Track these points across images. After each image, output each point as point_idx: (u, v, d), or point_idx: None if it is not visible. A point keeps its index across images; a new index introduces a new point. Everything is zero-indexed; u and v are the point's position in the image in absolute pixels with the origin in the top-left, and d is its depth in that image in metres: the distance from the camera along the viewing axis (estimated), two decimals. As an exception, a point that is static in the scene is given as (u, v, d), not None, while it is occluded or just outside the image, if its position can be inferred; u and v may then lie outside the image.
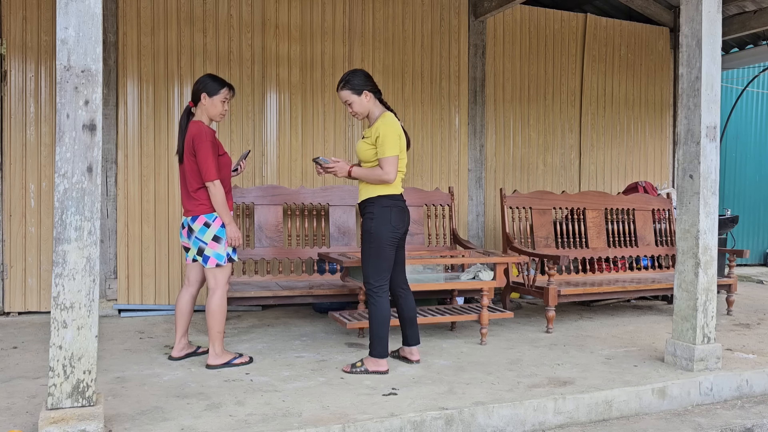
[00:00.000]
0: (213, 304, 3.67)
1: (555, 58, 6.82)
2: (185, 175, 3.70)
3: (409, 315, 3.83)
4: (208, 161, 3.59)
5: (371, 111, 3.67)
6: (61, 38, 2.56)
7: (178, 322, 3.84)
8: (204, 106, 3.72)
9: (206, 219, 3.66)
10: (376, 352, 3.63)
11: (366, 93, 3.63)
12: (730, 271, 5.71)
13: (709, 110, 3.76)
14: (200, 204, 3.66)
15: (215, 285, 3.68)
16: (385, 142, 3.54)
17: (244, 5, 5.56)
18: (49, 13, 5.08)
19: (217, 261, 3.65)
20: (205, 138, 3.61)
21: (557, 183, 6.86)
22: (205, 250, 3.65)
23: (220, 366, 3.69)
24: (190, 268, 3.87)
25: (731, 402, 3.69)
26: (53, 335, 2.57)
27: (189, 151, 3.65)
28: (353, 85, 3.62)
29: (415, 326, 3.85)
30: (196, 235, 3.66)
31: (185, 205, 3.74)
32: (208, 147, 3.61)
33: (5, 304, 5.09)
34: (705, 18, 3.71)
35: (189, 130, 3.68)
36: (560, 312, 5.51)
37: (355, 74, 3.65)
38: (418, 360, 3.87)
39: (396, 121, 3.63)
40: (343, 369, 3.69)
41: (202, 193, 3.67)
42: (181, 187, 3.78)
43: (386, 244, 3.58)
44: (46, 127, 5.11)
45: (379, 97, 3.70)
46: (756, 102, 9.98)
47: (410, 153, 6.13)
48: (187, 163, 3.67)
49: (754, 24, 6.80)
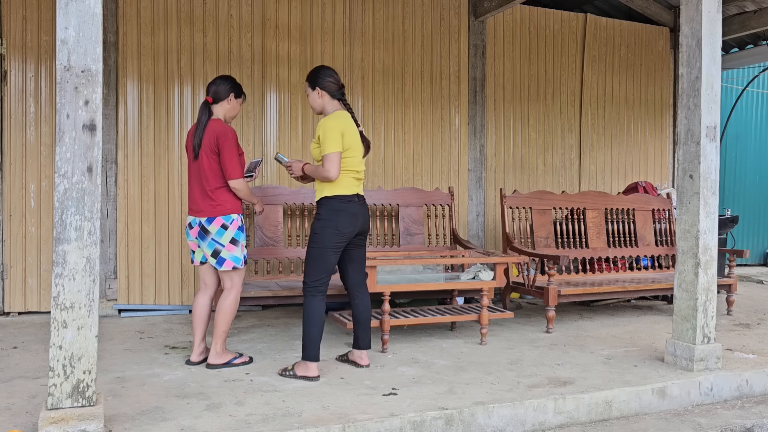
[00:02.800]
0: (226, 304, 3.65)
1: (555, 58, 6.82)
2: (202, 173, 3.62)
3: (363, 317, 3.75)
4: (233, 160, 3.58)
5: (324, 108, 3.65)
6: (61, 38, 2.56)
7: (196, 327, 3.77)
8: (228, 106, 3.73)
9: (224, 221, 3.60)
10: (306, 355, 3.51)
11: (318, 90, 3.61)
12: (730, 271, 5.71)
13: (709, 110, 3.76)
14: (217, 205, 3.60)
15: (231, 286, 3.67)
16: (324, 140, 3.50)
17: (244, 5, 5.56)
18: (49, 13, 5.08)
19: (234, 264, 3.62)
20: (231, 137, 3.61)
21: (557, 183, 6.86)
22: (222, 252, 3.60)
23: (221, 366, 3.67)
24: (205, 271, 3.79)
25: (731, 402, 3.69)
26: (53, 335, 2.57)
27: (210, 149, 3.59)
28: (310, 80, 3.64)
29: (367, 329, 3.77)
30: (213, 236, 3.60)
31: (198, 205, 3.64)
32: (233, 146, 3.60)
33: (5, 304, 5.09)
34: (705, 18, 3.71)
35: (211, 128, 3.62)
36: (560, 312, 5.51)
37: (315, 70, 3.65)
38: (367, 365, 3.76)
39: (338, 119, 3.54)
40: (278, 371, 3.62)
41: (221, 193, 3.61)
42: (193, 185, 3.67)
43: (329, 247, 3.52)
44: (46, 127, 5.11)
45: (338, 96, 3.64)
46: (756, 102, 9.98)
47: (410, 153, 6.13)
48: (206, 161, 3.60)
49: (754, 24, 6.80)
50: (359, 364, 3.77)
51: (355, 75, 5.94)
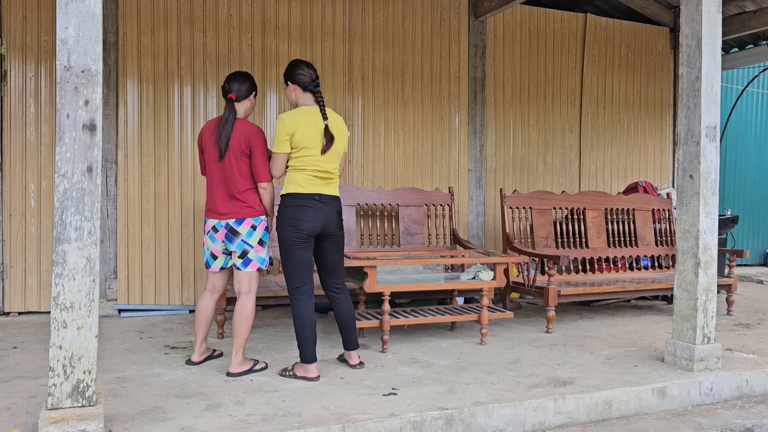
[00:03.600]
0: (247, 311, 3.55)
1: (555, 58, 6.82)
2: (228, 174, 3.52)
3: (345, 318, 3.71)
4: (266, 162, 3.54)
5: (297, 102, 3.61)
6: (61, 38, 2.56)
7: (198, 327, 3.73)
8: (249, 104, 3.68)
9: (253, 222, 3.55)
10: (302, 357, 3.50)
11: (290, 84, 3.59)
12: (730, 271, 5.71)
13: (709, 110, 3.76)
14: (247, 206, 3.53)
15: (249, 290, 3.58)
16: (274, 139, 3.50)
17: (244, 5, 5.56)
18: (49, 13, 5.08)
19: (259, 264, 3.58)
20: (263, 138, 3.56)
21: (557, 183, 6.86)
22: (250, 253, 3.56)
23: (242, 374, 3.57)
24: (217, 277, 3.75)
25: (731, 402, 3.69)
26: (53, 335, 2.57)
27: (240, 151, 3.50)
28: (285, 75, 3.62)
29: (351, 330, 3.72)
30: (243, 238, 3.54)
31: (223, 207, 3.55)
32: (265, 147, 3.55)
33: (5, 304, 5.09)
34: (705, 18, 3.71)
35: (242, 129, 3.52)
36: (560, 312, 5.51)
37: (289, 65, 3.61)
38: (359, 364, 3.74)
39: (292, 118, 3.46)
40: (278, 371, 3.62)
41: (249, 195, 3.55)
42: (217, 186, 3.57)
43: (292, 246, 3.46)
44: (46, 127, 5.11)
45: (311, 89, 3.55)
46: (756, 102, 9.98)
47: (410, 153, 6.13)
48: (235, 162, 3.50)
49: (754, 24, 6.81)
50: (350, 364, 3.76)
51: (355, 75, 5.94)
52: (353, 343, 3.75)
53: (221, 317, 4.44)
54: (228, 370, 3.56)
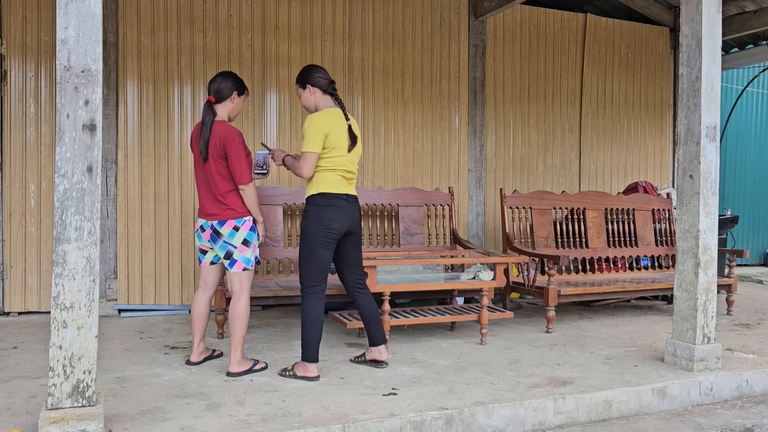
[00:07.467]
0: (240, 309, 3.56)
1: (555, 58, 6.82)
2: (210, 177, 3.54)
3: (371, 314, 3.73)
4: (242, 164, 3.51)
5: (317, 105, 3.62)
6: (61, 38, 2.56)
7: (195, 326, 3.74)
8: (231, 104, 3.67)
9: (235, 223, 3.55)
10: (305, 356, 3.50)
11: (309, 87, 3.60)
12: (730, 271, 5.71)
13: (709, 110, 3.76)
14: (229, 209, 3.54)
15: (240, 289, 3.59)
16: (304, 138, 3.49)
17: (244, 5, 5.56)
18: (49, 13, 5.08)
19: (244, 265, 3.58)
20: (238, 140, 3.54)
21: (557, 183, 6.86)
22: (234, 253, 3.56)
23: (242, 373, 3.57)
24: (208, 271, 3.76)
25: (731, 402, 3.69)
26: (53, 335, 2.57)
27: (217, 153, 3.51)
28: (300, 79, 3.63)
29: (378, 325, 3.75)
30: (225, 239, 3.55)
31: (209, 209, 3.58)
32: (240, 149, 3.53)
33: (5, 304, 5.09)
34: (705, 18, 3.71)
35: (217, 131, 3.53)
36: (560, 312, 5.51)
37: (304, 69, 3.64)
38: (386, 359, 3.77)
39: (326, 117, 3.51)
40: (278, 371, 3.62)
41: (231, 197, 3.56)
42: (202, 188, 3.61)
43: (319, 245, 3.49)
44: (46, 127, 5.11)
45: (330, 91, 3.61)
46: (756, 102, 9.99)
47: (410, 153, 6.14)
48: (214, 165, 3.52)
49: (754, 24, 6.81)
50: (379, 359, 3.75)
51: (355, 75, 5.94)
52: (382, 336, 3.77)
53: (221, 317, 4.44)
54: (228, 370, 3.57)
